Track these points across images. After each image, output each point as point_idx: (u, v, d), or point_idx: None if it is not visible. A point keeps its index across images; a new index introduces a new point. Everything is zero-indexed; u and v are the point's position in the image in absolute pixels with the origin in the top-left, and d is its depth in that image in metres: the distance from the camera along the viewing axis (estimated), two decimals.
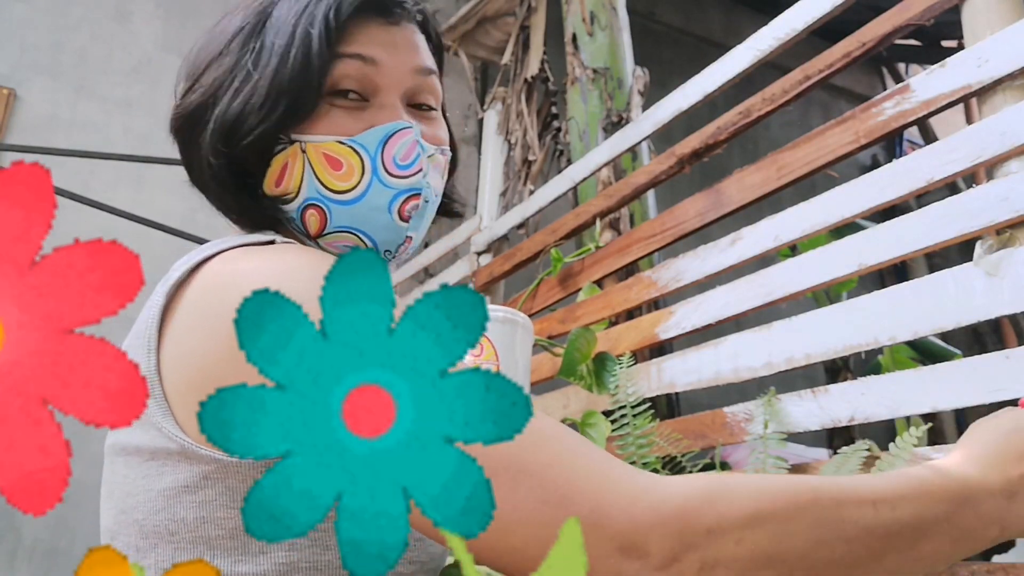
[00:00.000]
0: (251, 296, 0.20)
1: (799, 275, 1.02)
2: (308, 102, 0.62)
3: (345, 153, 0.62)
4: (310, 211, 0.64)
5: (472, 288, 0.21)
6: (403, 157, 0.63)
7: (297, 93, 0.61)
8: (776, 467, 0.92)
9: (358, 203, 0.62)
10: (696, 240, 1.26)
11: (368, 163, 0.62)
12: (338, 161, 0.62)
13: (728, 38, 3.92)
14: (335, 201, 0.63)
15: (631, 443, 1.03)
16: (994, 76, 0.85)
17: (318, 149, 0.62)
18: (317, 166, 0.62)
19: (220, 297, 0.54)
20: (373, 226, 0.63)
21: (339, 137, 0.62)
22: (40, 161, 0.19)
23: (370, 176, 0.62)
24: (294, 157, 0.63)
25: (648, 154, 1.90)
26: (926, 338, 1.23)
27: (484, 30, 2.49)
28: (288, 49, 0.61)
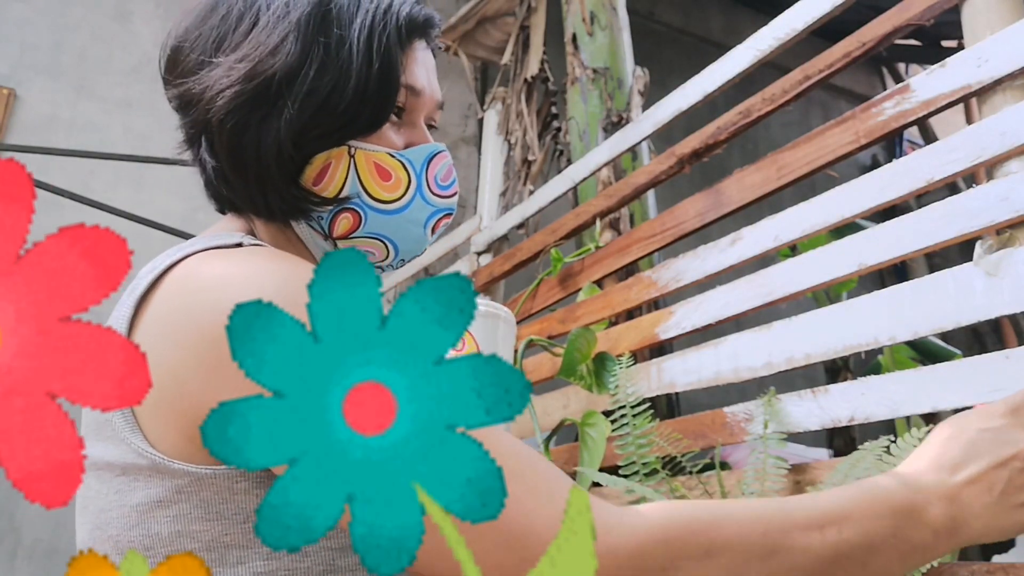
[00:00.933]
0: (240, 305, 0.20)
1: (799, 275, 1.02)
2: (382, 119, 0.64)
3: (395, 166, 0.65)
4: (345, 213, 0.65)
5: (460, 273, 0.21)
6: (444, 178, 0.68)
7: (375, 107, 0.63)
8: (776, 467, 0.92)
9: (399, 214, 0.65)
10: (696, 240, 1.26)
11: (414, 178, 0.65)
12: (388, 172, 0.65)
13: (728, 38, 3.92)
14: (375, 209, 0.65)
15: (631, 443, 1.03)
16: (994, 76, 0.85)
17: (369, 157, 0.64)
18: (364, 173, 0.64)
19: (187, 304, 0.53)
20: (404, 236, 0.66)
21: (389, 150, 0.65)
22: (40, 161, 0.19)
23: (415, 191, 0.66)
24: (339, 159, 0.63)
25: (648, 154, 1.90)
26: (926, 338, 1.23)
27: (484, 30, 2.49)
28: (370, 58, 0.62)
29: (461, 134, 3.63)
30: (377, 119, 0.64)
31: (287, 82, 0.60)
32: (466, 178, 3.51)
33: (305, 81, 0.60)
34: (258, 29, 0.62)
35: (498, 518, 0.20)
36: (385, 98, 0.63)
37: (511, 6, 2.42)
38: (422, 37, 0.69)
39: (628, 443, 1.03)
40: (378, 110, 0.63)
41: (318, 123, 0.61)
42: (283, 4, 0.63)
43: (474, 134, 3.59)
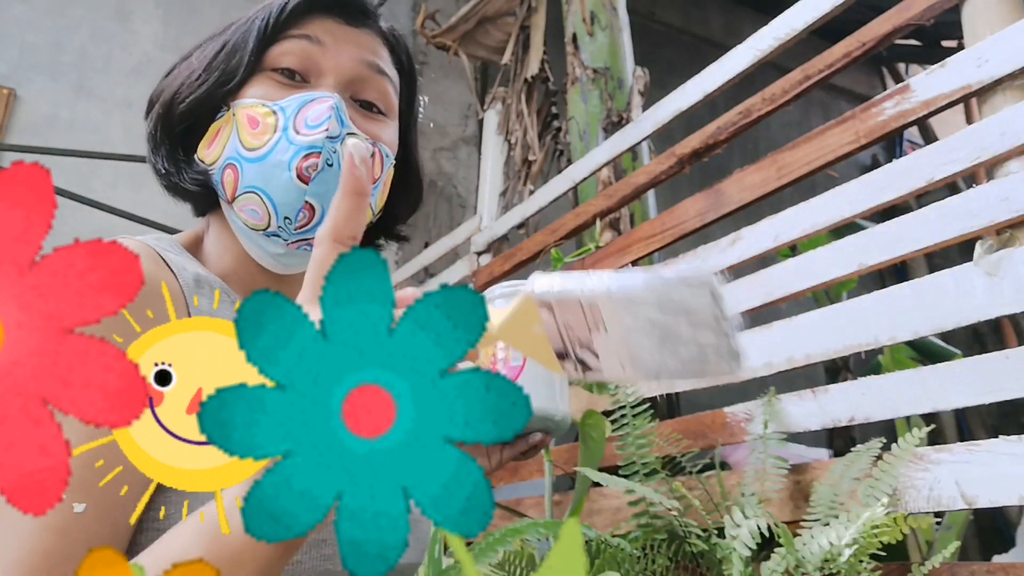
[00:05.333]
0: (251, 297, 0.20)
1: (799, 275, 1.02)
2: (236, 71, 0.65)
3: (264, 114, 0.64)
4: (227, 172, 0.65)
5: (472, 288, 0.21)
6: (314, 119, 0.63)
7: (227, 65, 0.65)
8: (776, 467, 0.92)
9: (264, 160, 0.63)
10: (696, 240, 1.26)
11: (281, 122, 0.63)
12: (256, 120, 0.64)
13: (728, 38, 3.92)
14: (246, 159, 0.64)
15: (631, 443, 1.03)
16: (994, 76, 0.85)
17: (244, 111, 0.64)
18: (240, 126, 0.64)
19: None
20: (274, 185, 0.62)
21: (264, 100, 0.64)
22: (40, 161, 0.19)
23: (280, 134, 0.62)
24: (227, 122, 0.65)
25: (648, 154, 1.90)
26: (926, 338, 1.23)
27: (484, 30, 2.49)
28: (232, 36, 0.67)
29: (461, 134, 3.63)
30: (234, 71, 0.65)
31: (161, 90, 0.69)
32: (466, 178, 3.51)
33: (179, 71, 0.68)
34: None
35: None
36: (239, 53, 0.65)
37: (511, 6, 2.42)
38: (332, 13, 0.68)
39: (628, 443, 1.03)
40: (233, 63, 0.65)
41: (180, 94, 0.66)
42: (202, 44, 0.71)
43: (474, 134, 3.59)
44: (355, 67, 0.66)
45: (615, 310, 0.45)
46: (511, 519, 1.21)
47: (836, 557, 0.71)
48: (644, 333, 0.45)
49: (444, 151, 3.54)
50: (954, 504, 0.77)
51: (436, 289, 0.20)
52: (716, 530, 0.87)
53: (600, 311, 0.45)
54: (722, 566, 0.83)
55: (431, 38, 2.54)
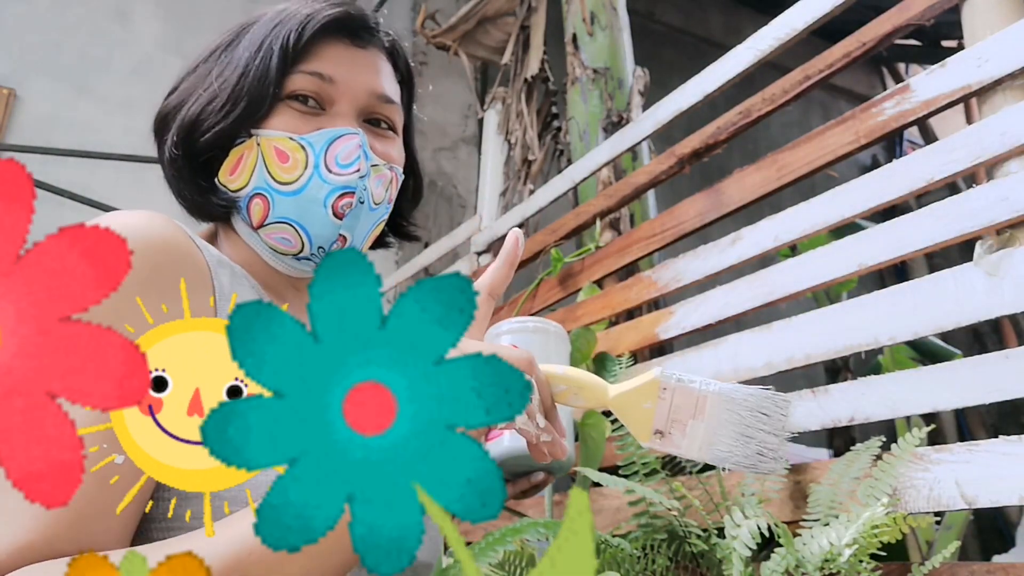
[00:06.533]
0: (239, 308, 0.20)
1: (799, 275, 1.02)
2: (262, 104, 0.68)
3: (293, 148, 0.67)
4: (256, 200, 0.68)
5: (458, 273, 0.21)
6: (344, 158, 0.68)
7: (252, 97, 0.67)
8: None
9: (298, 195, 0.67)
10: (696, 240, 1.26)
11: (312, 159, 0.67)
12: (286, 155, 0.67)
13: (728, 38, 3.92)
14: (278, 192, 0.67)
15: (631, 443, 1.03)
16: (994, 76, 0.85)
17: (270, 143, 0.68)
18: (268, 158, 0.67)
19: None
20: (309, 219, 0.67)
21: (290, 134, 0.67)
22: (40, 161, 0.19)
23: (312, 171, 0.67)
24: (250, 150, 0.68)
25: (648, 154, 1.90)
26: (926, 338, 1.23)
27: (484, 30, 2.49)
28: (251, 62, 0.68)
29: (461, 134, 3.63)
30: (257, 105, 0.67)
31: (183, 98, 0.71)
32: (466, 178, 3.51)
33: (197, 92, 0.70)
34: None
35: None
36: (261, 85, 0.67)
37: (511, 6, 2.42)
38: (340, 35, 0.71)
39: (628, 443, 1.03)
40: (256, 95, 0.67)
41: (203, 121, 0.68)
42: (221, 37, 0.73)
43: (474, 134, 3.59)
44: (367, 99, 0.71)
45: (719, 404, 0.58)
46: (511, 519, 1.21)
47: (836, 557, 0.71)
48: (731, 426, 0.58)
49: (444, 151, 3.54)
50: (954, 504, 0.77)
51: (421, 279, 0.20)
52: (716, 530, 0.87)
53: (708, 402, 0.58)
54: (722, 566, 0.83)
55: (431, 38, 2.54)
